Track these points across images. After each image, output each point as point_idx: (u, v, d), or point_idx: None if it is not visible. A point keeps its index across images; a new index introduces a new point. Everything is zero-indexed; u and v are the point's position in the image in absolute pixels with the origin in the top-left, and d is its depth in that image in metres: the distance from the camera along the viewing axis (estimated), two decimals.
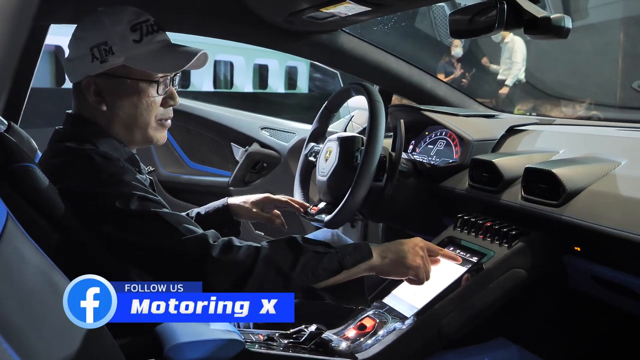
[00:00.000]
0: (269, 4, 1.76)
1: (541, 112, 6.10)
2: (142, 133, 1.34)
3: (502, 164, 1.59)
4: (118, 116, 1.31)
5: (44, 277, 0.93)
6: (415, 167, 1.90)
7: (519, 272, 1.41)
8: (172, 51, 1.33)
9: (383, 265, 1.30)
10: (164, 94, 1.34)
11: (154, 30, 1.32)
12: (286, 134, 2.76)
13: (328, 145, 1.86)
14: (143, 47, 1.29)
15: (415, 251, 1.32)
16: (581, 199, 1.37)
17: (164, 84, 1.33)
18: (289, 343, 1.32)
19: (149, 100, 1.31)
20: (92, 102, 1.30)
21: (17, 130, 1.70)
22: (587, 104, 5.78)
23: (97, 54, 1.27)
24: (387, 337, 1.33)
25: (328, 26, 1.93)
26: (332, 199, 1.78)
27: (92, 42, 1.28)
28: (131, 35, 1.28)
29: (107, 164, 1.21)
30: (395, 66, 2.20)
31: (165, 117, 1.37)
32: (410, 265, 1.31)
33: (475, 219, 1.57)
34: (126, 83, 1.29)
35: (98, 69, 1.28)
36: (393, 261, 1.30)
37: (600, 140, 1.67)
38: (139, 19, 1.30)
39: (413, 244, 1.33)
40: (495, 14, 1.40)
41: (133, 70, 1.29)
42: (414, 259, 1.31)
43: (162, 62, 1.30)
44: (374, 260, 1.29)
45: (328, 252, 1.25)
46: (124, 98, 1.30)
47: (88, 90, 1.30)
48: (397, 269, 1.31)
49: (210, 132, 2.83)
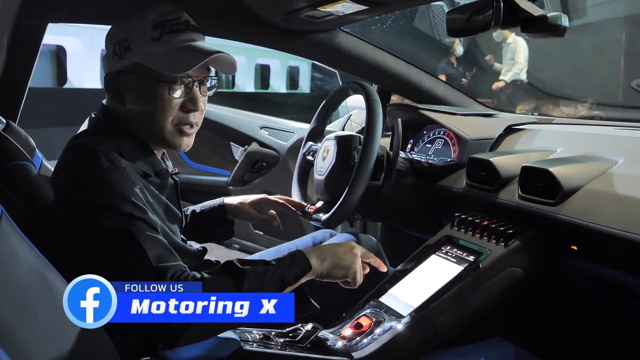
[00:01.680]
0: (266, 3, 1.76)
1: (542, 111, 6.09)
2: (158, 136, 1.30)
3: (499, 162, 1.59)
4: (136, 115, 1.28)
5: (38, 276, 0.93)
6: (413, 166, 1.90)
7: (515, 271, 1.41)
8: (188, 52, 1.26)
9: (322, 270, 1.28)
10: (183, 97, 1.28)
11: (179, 30, 1.26)
12: (285, 134, 2.76)
13: (326, 144, 1.86)
14: (160, 46, 1.24)
15: (352, 253, 1.32)
16: (577, 198, 1.37)
17: (181, 86, 1.27)
18: (285, 342, 1.31)
19: (164, 102, 1.26)
20: (112, 99, 1.29)
21: (15, 129, 1.70)
22: (588, 104, 5.76)
23: (117, 51, 1.26)
24: (383, 336, 1.33)
25: (326, 25, 1.93)
26: (330, 198, 1.78)
27: (116, 37, 1.27)
28: (151, 32, 1.24)
29: (108, 170, 1.18)
30: (393, 65, 2.20)
31: (184, 122, 1.29)
32: (348, 266, 1.30)
33: (473, 218, 1.57)
34: (141, 82, 1.25)
35: (117, 65, 1.26)
36: (332, 264, 1.29)
37: (597, 139, 1.67)
38: (166, 17, 1.25)
39: (349, 247, 1.33)
40: (492, 12, 1.40)
41: (148, 69, 1.24)
42: (352, 261, 1.31)
43: (174, 62, 1.24)
44: (313, 269, 1.27)
45: (268, 271, 1.21)
46: (139, 97, 1.27)
47: (108, 86, 1.29)
48: (337, 272, 1.30)
49: (209, 132, 2.83)
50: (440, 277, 1.44)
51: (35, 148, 1.77)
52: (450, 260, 1.50)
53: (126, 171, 1.20)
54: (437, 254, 1.55)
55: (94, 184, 1.17)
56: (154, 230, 1.17)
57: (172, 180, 1.39)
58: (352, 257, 1.31)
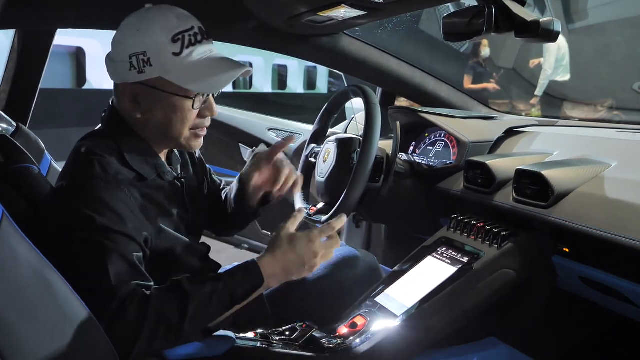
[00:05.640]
0: (268, 9, 1.79)
1: (545, 113, 6.04)
2: (174, 142, 1.33)
3: (495, 165, 1.60)
4: (151, 124, 1.29)
5: (37, 275, 0.96)
6: (412, 169, 1.92)
7: (507, 273, 1.42)
8: (212, 67, 1.27)
9: (276, 282, 1.27)
10: (202, 106, 1.31)
11: (196, 41, 1.25)
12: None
13: (327, 147, 1.89)
14: (182, 60, 1.23)
15: (307, 249, 1.27)
16: (569, 201, 1.38)
17: (201, 98, 1.29)
18: (280, 340, 1.34)
19: (184, 114, 1.28)
20: (128, 108, 1.29)
21: (24, 132, 1.76)
22: (591, 106, 5.68)
23: (135, 64, 1.23)
24: (376, 336, 1.35)
25: (328, 29, 1.96)
26: (330, 200, 1.81)
27: (132, 49, 1.23)
28: (171, 47, 1.23)
29: (96, 177, 1.19)
30: (397, 68, 2.22)
31: (200, 126, 1.33)
32: (306, 264, 1.27)
33: (469, 220, 1.59)
34: (162, 95, 1.25)
35: (135, 78, 1.24)
36: (286, 270, 1.26)
37: (594, 142, 1.68)
38: (182, 28, 1.24)
39: (307, 240, 1.28)
40: (485, 18, 1.42)
41: (169, 84, 1.24)
42: (309, 259, 1.27)
43: (199, 79, 1.24)
44: (265, 283, 1.24)
45: (216, 290, 1.17)
46: (158, 109, 1.27)
47: (124, 96, 1.28)
48: (297, 274, 1.28)
49: (218, 133, 2.87)
50: (435, 278, 1.46)
51: (44, 150, 1.82)
52: (445, 261, 1.52)
53: (116, 178, 1.22)
54: (432, 255, 1.57)
55: (78, 190, 1.19)
56: (128, 244, 1.17)
57: (178, 182, 1.40)
58: (309, 254, 1.27)
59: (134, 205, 1.23)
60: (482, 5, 1.41)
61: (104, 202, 1.16)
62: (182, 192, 1.41)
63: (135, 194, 1.25)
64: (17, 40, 1.95)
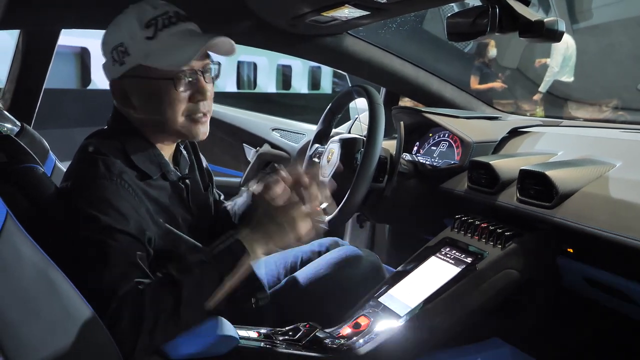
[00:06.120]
0: (271, 9, 1.80)
1: (549, 113, 6.02)
2: (172, 132, 1.32)
3: (499, 165, 1.60)
4: (147, 118, 1.30)
5: (41, 275, 0.97)
6: (416, 169, 1.92)
7: (511, 273, 1.42)
8: (185, 42, 1.26)
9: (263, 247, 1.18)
10: (190, 89, 1.29)
11: (170, 23, 1.26)
12: (296, 135, 2.79)
13: (330, 147, 1.89)
14: (157, 43, 1.24)
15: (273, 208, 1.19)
16: (573, 201, 1.38)
17: (185, 80, 1.27)
18: (283, 340, 1.33)
19: (172, 98, 1.27)
20: (122, 106, 1.30)
21: (29, 133, 1.76)
22: (596, 106, 5.67)
23: (115, 57, 1.26)
24: (379, 336, 1.34)
25: (332, 29, 1.96)
26: (333, 200, 1.80)
27: (112, 44, 1.27)
28: (144, 32, 1.24)
29: (100, 177, 1.19)
30: (401, 68, 2.22)
31: (195, 112, 1.30)
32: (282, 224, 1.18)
33: (473, 220, 1.59)
34: (147, 83, 1.26)
35: (119, 71, 1.27)
36: (265, 235, 1.18)
37: (598, 142, 1.67)
38: (155, 13, 1.25)
39: (269, 199, 1.22)
40: (489, 18, 1.42)
41: (150, 68, 1.25)
42: (284, 219, 1.18)
43: (174, 56, 1.24)
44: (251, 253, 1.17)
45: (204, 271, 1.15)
46: (147, 98, 1.28)
47: (116, 93, 1.30)
48: (279, 238, 1.19)
49: (222, 133, 2.88)
50: (438, 278, 1.45)
51: (49, 150, 1.82)
52: (448, 261, 1.51)
53: (120, 178, 1.22)
54: (436, 256, 1.56)
55: (83, 189, 1.20)
56: (131, 243, 1.17)
57: (183, 183, 1.40)
58: (281, 214, 1.18)
59: (138, 205, 1.23)
60: (486, 5, 1.41)
61: (108, 202, 1.17)
62: (186, 193, 1.41)
63: (139, 193, 1.25)
64: (22, 41, 1.96)
